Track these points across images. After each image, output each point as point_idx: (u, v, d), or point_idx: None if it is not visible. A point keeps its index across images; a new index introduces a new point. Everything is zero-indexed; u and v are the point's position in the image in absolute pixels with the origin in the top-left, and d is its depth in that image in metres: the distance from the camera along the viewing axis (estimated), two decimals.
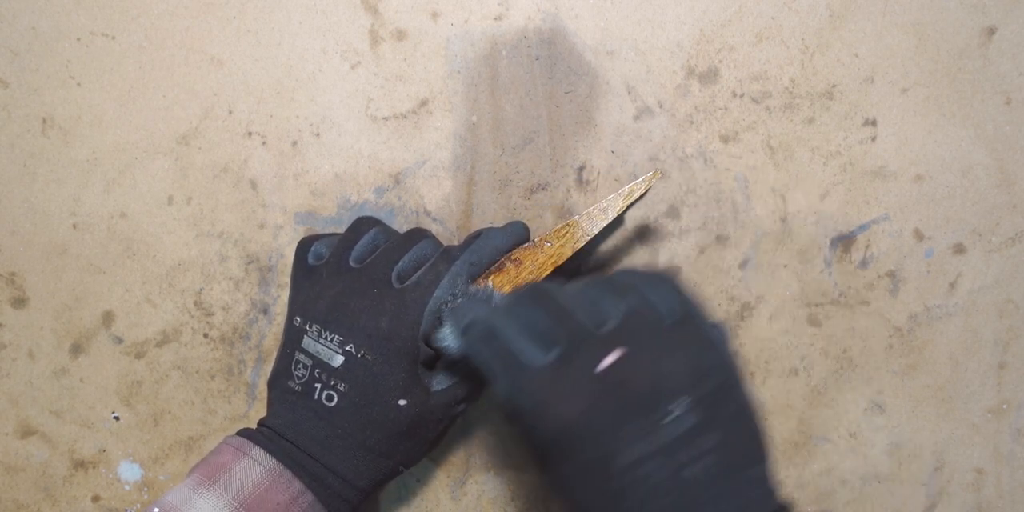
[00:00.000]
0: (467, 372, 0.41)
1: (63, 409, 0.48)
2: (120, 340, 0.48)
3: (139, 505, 0.49)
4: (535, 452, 0.35)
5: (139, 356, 0.48)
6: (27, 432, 0.49)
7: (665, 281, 0.35)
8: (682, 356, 0.33)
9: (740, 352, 0.48)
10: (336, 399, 0.39)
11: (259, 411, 0.48)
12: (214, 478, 0.37)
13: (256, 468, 0.38)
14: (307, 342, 0.40)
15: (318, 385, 0.39)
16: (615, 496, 0.32)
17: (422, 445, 0.41)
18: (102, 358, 0.48)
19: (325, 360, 0.39)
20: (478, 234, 0.41)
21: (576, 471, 0.32)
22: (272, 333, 0.48)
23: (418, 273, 0.39)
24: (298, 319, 0.41)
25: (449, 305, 0.39)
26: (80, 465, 0.49)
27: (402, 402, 0.39)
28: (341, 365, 0.39)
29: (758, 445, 0.33)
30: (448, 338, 0.38)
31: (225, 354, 0.48)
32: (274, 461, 0.38)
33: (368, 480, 0.40)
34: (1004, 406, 0.49)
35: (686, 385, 0.32)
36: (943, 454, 0.50)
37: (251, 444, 0.38)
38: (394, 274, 0.39)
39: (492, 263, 0.40)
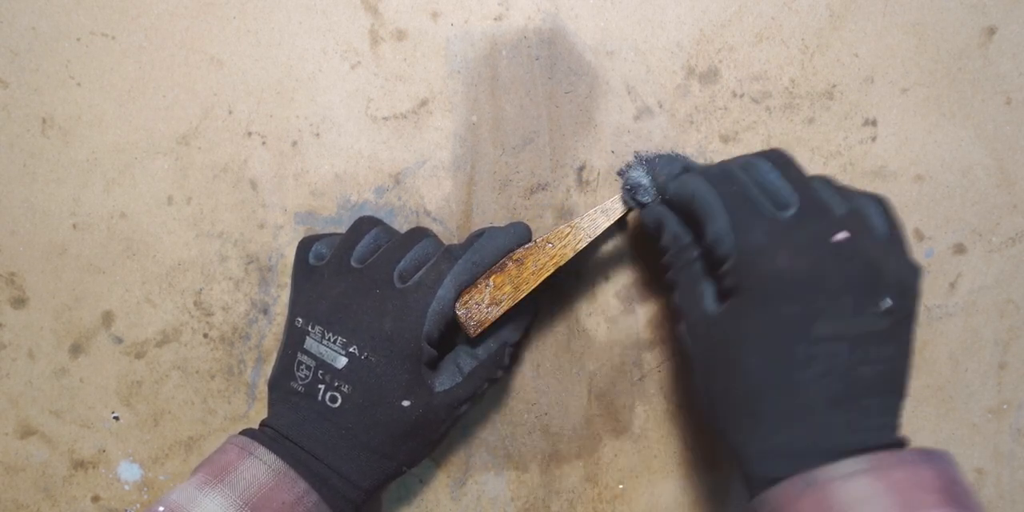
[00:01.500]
0: (476, 364, 0.41)
1: (63, 409, 0.48)
2: (120, 340, 0.48)
3: (139, 505, 0.49)
4: (721, 296, 0.35)
5: (139, 356, 0.48)
6: (27, 432, 0.49)
7: (883, 202, 0.36)
8: (893, 265, 0.34)
9: None
10: (340, 400, 0.39)
11: (259, 411, 0.48)
12: (219, 477, 0.37)
13: (262, 467, 0.38)
14: (309, 343, 0.40)
15: (321, 386, 0.39)
16: (796, 362, 0.32)
17: (425, 445, 0.41)
18: (102, 358, 0.48)
19: (328, 361, 0.39)
20: (480, 233, 0.41)
21: (772, 322, 0.33)
22: (272, 333, 0.48)
23: (420, 273, 0.39)
24: (300, 320, 0.41)
25: (634, 158, 0.42)
26: (80, 465, 0.49)
27: (405, 403, 0.39)
28: (344, 366, 0.39)
29: (907, 379, 0.34)
30: (641, 178, 0.41)
31: (225, 354, 0.48)
32: (279, 461, 0.38)
33: (371, 480, 0.40)
34: (1004, 406, 0.49)
35: (897, 288, 0.33)
36: None
37: (256, 444, 0.38)
38: (396, 274, 0.39)
39: (494, 263, 0.40)
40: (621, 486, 0.48)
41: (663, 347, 0.47)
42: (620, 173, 0.44)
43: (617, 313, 0.47)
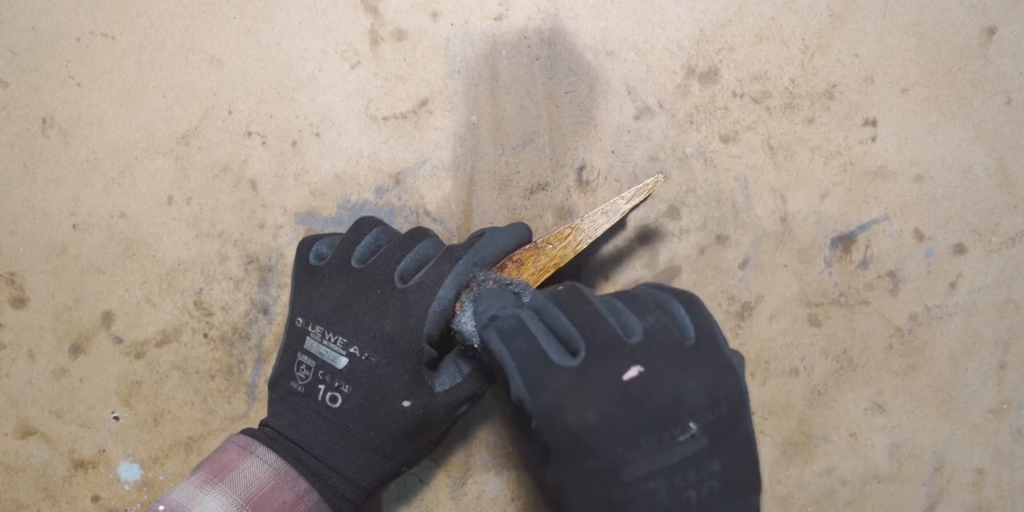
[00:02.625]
0: (476, 365, 0.41)
1: (63, 409, 0.48)
2: (120, 340, 0.48)
3: (139, 505, 0.49)
4: (541, 453, 0.35)
5: (139, 356, 0.48)
6: (27, 432, 0.49)
7: (689, 301, 0.35)
8: (701, 378, 0.33)
9: (740, 352, 0.48)
10: (340, 400, 0.39)
11: (259, 411, 0.48)
12: (220, 476, 0.37)
13: (262, 467, 0.37)
14: (310, 343, 0.40)
15: (322, 386, 0.39)
16: (617, 508, 0.32)
17: (425, 445, 0.41)
18: (102, 358, 0.48)
19: (329, 362, 0.39)
20: (481, 234, 0.41)
21: (583, 477, 0.32)
22: (272, 333, 0.48)
23: (420, 273, 0.39)
24: (300, 320, 0.41)
25: (476, 289, 0.39)
26: (80, 465, 0.49)
27: (406, 403, 0.39)
28: (345, 367, 0.39)
29: (755, 475, 0.33)
30: (467, 325, 0.38)
31: (225, 354, 0.48)
32: (280, 460, 0.38)
33: (371, 480, 0.40)
34: (1004, 406, 0.49)
35: (703, 407, 0.32)
36: (943, 454, 0.50)
37: (256, 443, 0.38)
38: (396, 274, 0.39)
39: (494, 264, 0.40)
40: None
41: None
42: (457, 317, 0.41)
43: None
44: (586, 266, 0.47)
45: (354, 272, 0.40)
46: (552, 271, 0.40)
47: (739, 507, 0.33)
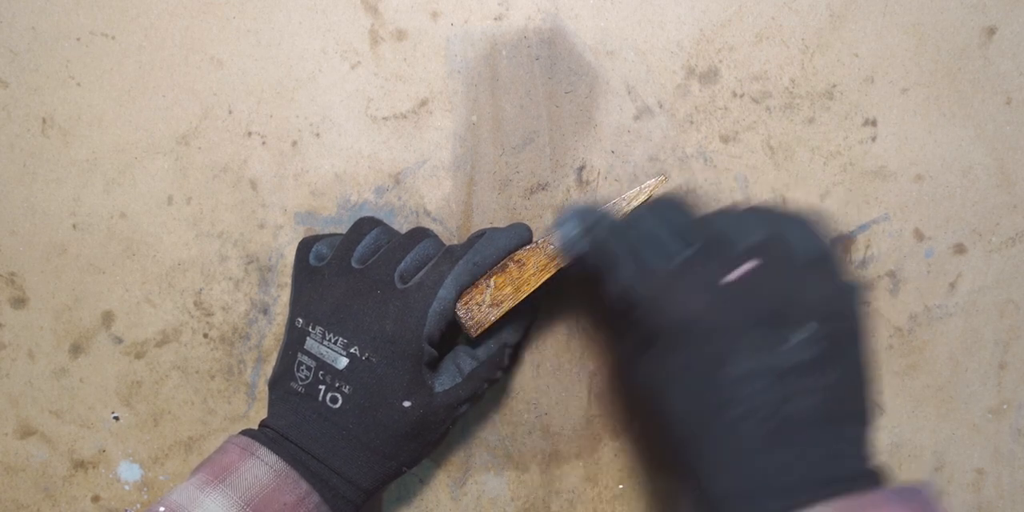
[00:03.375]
0: (476, 365, 0.41)
1: (63, 409, 0.48)
2: (120, 340, 0.48)
3: (139, 505, 0.49)
4: (642, 343, 0.34)
5: (139, 356, 0.48)
6: (27, 432, 0.49)
7: (809, 223, 0.35)
8: (819, 288, 0.32)
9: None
10: (340, 401, 0.39)
11: (259, 411, 0.48)
12: (221, 477, 0.37)
13: (263, 468, 0.37)
14: (310, 344, 0.40)
15: (322, 387, 0.39)
16: (716, 405, 0.31)
17: (425, 445, 0.41)
18: (102, 358, 0.48)
19: (329, 362, 0.39)
20: (481, 234, 0.41)
21: (685, 366, 0.32)
22: (272, 333, 0.48)
23: (420, 273, 0.39)
24: (300, 320, 0.41)
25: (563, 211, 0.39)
26: (80, 465, 0.49)
27: (406, 404, 0.39)
28: (345, 367, 0.39)
29: (864, 405, 0.32)
30: (572, 230, 0.38)
31: (225, 354, 0.48)
32: (281, 462, 0.38)
33: (372, 481, 0.40)
34: (1004, 406, 0.49)
35: (818, 313, 0.31)
36: (943, 454, 0.50)
37: (257, 444, 0.38)
38: (396, 275, 0.39)
39: (495, 264, 0.40)
40: (621, 486, 0.48)
41: None
42: (557, 224, 0.42)
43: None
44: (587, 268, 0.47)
45: (354, 272, 0.40)
46: (554, 271, 0.41)
47: (842, 434, 0.31)
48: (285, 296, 0.47)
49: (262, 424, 0.41)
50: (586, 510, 0.49)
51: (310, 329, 0.40)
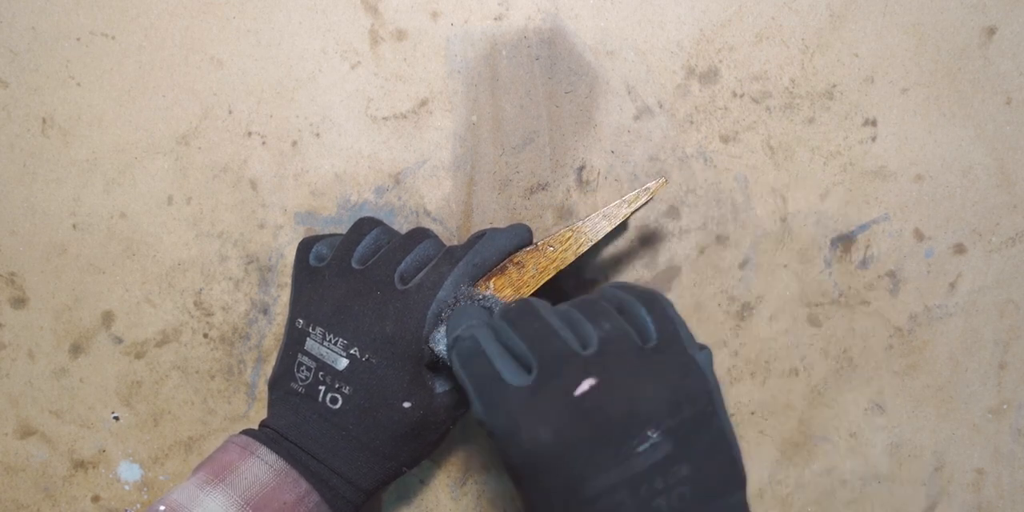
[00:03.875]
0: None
1: (63, 409, 0.48)
2: (120, 340, 0.48)
3: (139, 505, 0.49)
4: (508, 473, 0.35)
5: (139, 356, 0.48)
6: (27, 432, 0.49)
7: (650, 301, 0.35)
8: (660, 383, 0.32)
9: (740, 352, 0.48)
10: (340, 402, 0.39)
11: (259, 411, 0.48)
12: (221, 476, 0.37)
13: (263, 467, 0.37)
14: (310, 344, 0.40)
15: (322, 387, 0.39)
16: None
17: (425, 446, 0.41)
18: (102, 358, 0.48)
19: (329, 363, 0.39)
20: (481, 234, 0.41)
21: (546, 496, 0.32)
22: (272, 333, 0.48)
23: (421, 274, 0.39)
24: (301, 321, 0.41)
25: (451, 307, 0.39)
26: (80, 465, 0.49)
27: (407, 404, 0.39)
28: (345, 368, 0.39)
29: (735, 472, 0.33)
30: (441, 343, 0.38)
31: (225, 354, 0.48)
32: (281, 461, 0.38)
33: (371, 481, 0.40)
34: (1004, 406, 0.49)
35: (662, 412, 0.31)
36: (943, 454, 0.50)
37: (258, 443, 0.38)
38: (396, 276, 0.39)
39: (495, 265, 0.40)
40: None
41: None
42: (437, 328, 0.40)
43: None
44: (586, 266, 0.47)
45: (354, 273, 0.40)
46: (553, 273, 0.41)
47: (718, 507, 0.32)
48: (285, 296, 0.47)
49: (262, 424, 0.41)
50: None
51: (310, 330, 0.40)
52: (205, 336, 0.48)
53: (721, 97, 0.46)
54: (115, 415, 0.48)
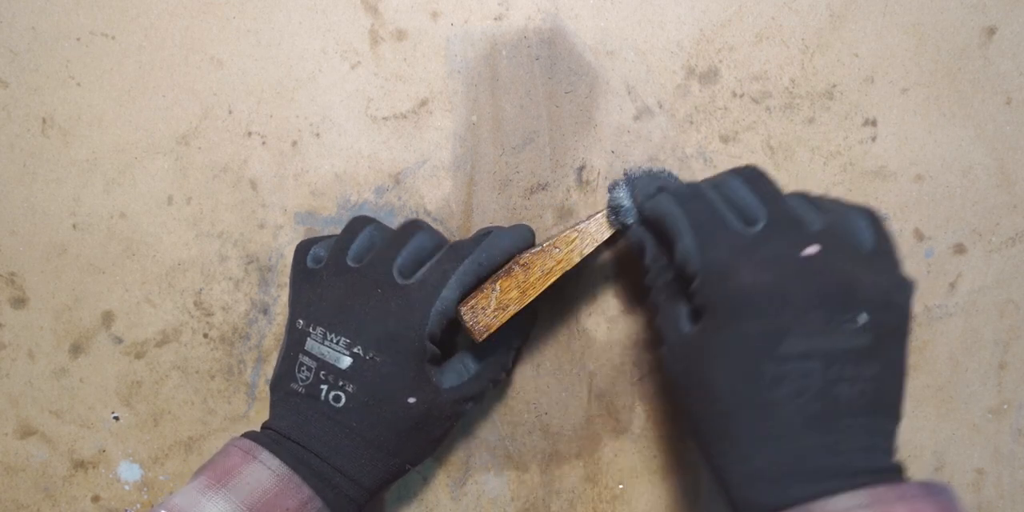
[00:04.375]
0: (482, 364, 0.42)
1: (63, 409, 0.48)
2: (120, 340, 0.48)
3: (139, 505, 0.49)
4: (691, 316, 0.35)
5: (139, 356, 0.48)
6: (27, 432, 0.49)
7: (873, 216, 0.35)
8: (878, 279, 0.32)
9: None
10: (344, 399, 0.39)
11: (259, 411, 0.48)
12: (223, 481, 0.37)
13: (265, 472, 0.37)
14: (311, 344, 0.40)
15: (324, 386, 0.39)
16: (766, 381, 0.31)
17: (429, 443, 0.41)
18: (102, 358, 0.48)
19: (331, 362, 0.39)
20: (487, 232, 0.41)
21: (738, 340, 0.32)
22: (272, 333, 0.48)
23: (423, 270, 0.39)
24: (301, 322, 0.41)
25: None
26: (80, 465, 0.49)
27: (411, 400, 0.39)
28: (348, 367, 0.39)
29: (899, 401, 0.33)
30: (624, 200, 0.40)
31: (225, 354, 0.48)
32: (284, 466, 0.38)
33: (375, 479, 0.40)
34: (1004, 406, 0.49)
35: (876, 303, 0.32)
36: (943, 454, 0.50)
37: (260, 447, 0.38)
38: (395, 271, 0.39)
39: (500, 266, 0.40)
40: (621, 486, 0.48)
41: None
42: (609, 189, 0.43)
43: (617, 313, 0.47)
44: (586, 266, 0.47)
45: (351, 271, 0.40)
46: (558, 275, 0.40)
47: (879, 425, 0.32)
48: (285, 296, 0.47)
49: (264, 426, 0.41)
50: (586, 510, 0.49)
51: (310, 330, 0.40)
52: (205, 336, 0.48)
53: (721, 97, 0.46)
54: (115, 415, 0.48)
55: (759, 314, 0.31)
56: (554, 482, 0.49)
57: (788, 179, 0.47)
